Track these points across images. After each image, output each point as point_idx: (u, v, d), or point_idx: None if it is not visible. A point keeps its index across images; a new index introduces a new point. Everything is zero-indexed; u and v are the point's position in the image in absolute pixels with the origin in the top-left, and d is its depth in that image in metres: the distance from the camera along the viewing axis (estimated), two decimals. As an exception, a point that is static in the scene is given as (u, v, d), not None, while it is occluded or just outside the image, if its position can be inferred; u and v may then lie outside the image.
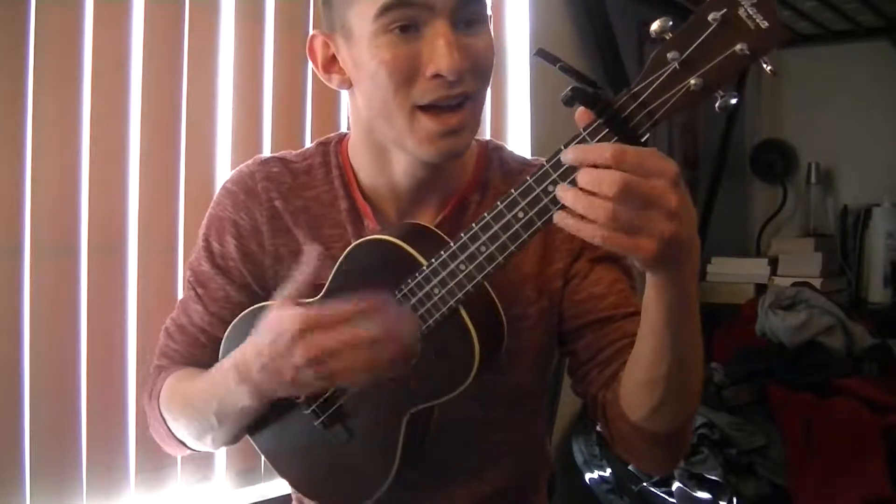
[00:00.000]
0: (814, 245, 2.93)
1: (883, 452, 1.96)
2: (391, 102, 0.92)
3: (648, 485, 2.07)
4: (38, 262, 1.36)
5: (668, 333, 0.84)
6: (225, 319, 1.06)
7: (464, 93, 0.91)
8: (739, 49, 0.71)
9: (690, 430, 1.00)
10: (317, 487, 1.05)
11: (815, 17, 2.87)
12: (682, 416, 0.93)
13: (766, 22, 0.70)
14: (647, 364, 0.88)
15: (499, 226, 0.82)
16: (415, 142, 0.93)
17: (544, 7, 2.35)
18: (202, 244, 1.09)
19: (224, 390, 0.94)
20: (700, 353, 0.90)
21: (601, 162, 0.72)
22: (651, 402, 0.90)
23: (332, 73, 0.99)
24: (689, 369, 0.88)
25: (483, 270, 0.84)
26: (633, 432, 0.95)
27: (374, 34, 0.90)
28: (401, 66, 0.90)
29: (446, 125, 0.91)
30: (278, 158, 1.09)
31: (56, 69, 1.37)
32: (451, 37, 0.89)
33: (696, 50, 0.72)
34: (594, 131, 0.77)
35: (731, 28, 0.71)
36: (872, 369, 2.34)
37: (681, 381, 0.88)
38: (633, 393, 0.92)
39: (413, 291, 0.88)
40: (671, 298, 0.81)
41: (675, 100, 0.74)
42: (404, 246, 0.90)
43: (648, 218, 0.72)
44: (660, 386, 0.88)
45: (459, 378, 0.89)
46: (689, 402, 0.92)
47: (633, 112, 0.75)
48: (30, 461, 1.36)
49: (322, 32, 0.98)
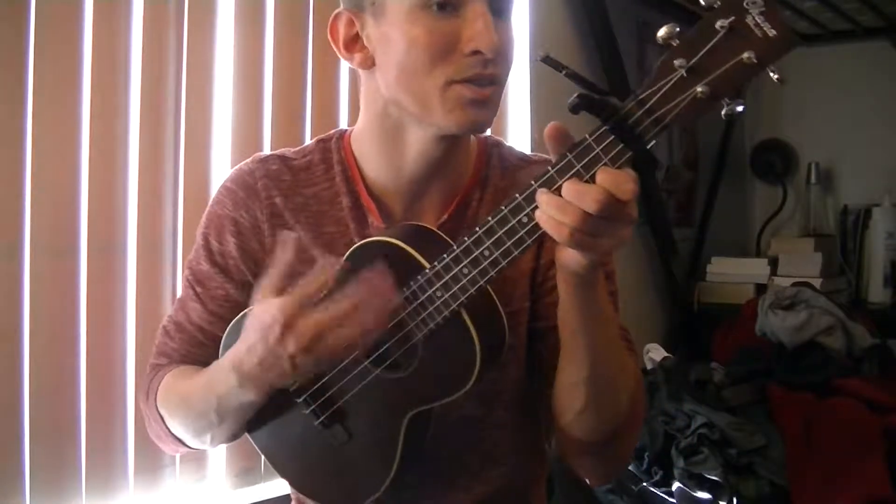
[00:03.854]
0: (814, 245, 2.93)
1: (883, 452, 1.96)
2: (424, 77, 0.93)
3: (648, 485, 2.07)
4: (38, 262, 1.36)
5: (585, 339, 0.89)
6: (224, 318, 1.06)
7: (496, 73, 0.93)
8: (747, 57, 0.71)
9: (625, 446, 1.04)
10: (316, 487, 1.05)
11: (815, 17, 2.88)
12: (607, 426, 0.96)
13: (774, 30, 0.70)
14: (569, 367, 0.93)
15: (503, 231, 0.82)
16: (444, 111, 0.94)
17: (544, 7, 2.35)
18: (201, 242, 1.09)
19: (223, 388, 0.95)
20: (622, 365, 0.95)
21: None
22: (575, 405, 0.94)
23: (353, 53, 0.99)
24: (609, 378, 0.93)
25: (486, 275, 0.84)
26: (561, 436, 0.99)
27: (410, 10, 0.92)
28: (437, 41, 0.91)
29: (481, 94, 0.93)
30: (277, 156, 1.09)
31: (56, 70, 1.37)
32: (490, 18, 0.91)
33: (703, 57, 0.72)
34: (599, 137, 0.77)
35: (739, 36, 0.71)
36: (872, 369, 2.34)
37: (601, 387, 0.93)
38: (560, 396, 0.96)
39: (416, 294, 0.88)
40: (590, 300, 0.87)
41: (681, 107, 0.74)
42: (407, 248, 0.90)
43: (613, 226, 0.77)
44: (582, 390, 0.92)
45: (461, 381, 0.89)
46: (612, 410, 0.96)
47: (639, 119, 0.75)
48: (29, 461, 1.36)
49: (347, 10, 0.99)
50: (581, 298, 0.87)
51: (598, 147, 0.76)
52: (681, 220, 3.02)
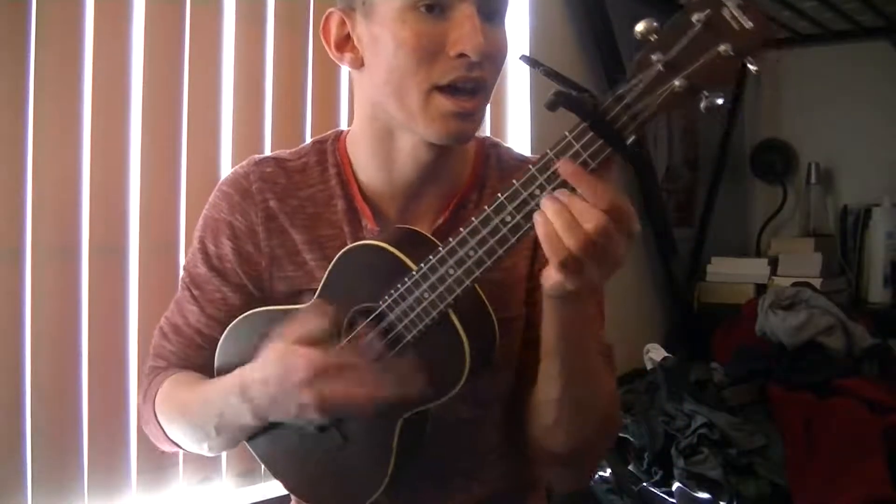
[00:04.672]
0: (814, 245, 2.93)
1: (883, 452, 1.96)
2: (409, 80, 0.92)
3: (648, 485, 2.07)
4: (40, 263, 1.36)
5: (558, 361, 0.91)
6: (221, 321, 1.06)
7: (482, 77, 0.92)
8: (724, 50, 0.71)
9: (593, 460, 1.07)
10: (312, 491, 1.05)
11: (815, 17, 2.87)
12: (576, 442, 0.98)
13: (751, 23, 0.70)
14: (542, 384, 0.95)
15: (487, 230, 0.82)
16: (426, 121, 0.93)
17: (544, 7, 2.35)
18: (197, 246, 1.08)
19: (225, 405, 0.95)
20: (595, 389, 0.96)
21: (588, 194, 0.76)
22: (546, 421, 0.97)
23: (344, 52, 0.99)
24: (581, 400, 0.94)
25: (472, 275, 0.84)
26: (535, 446, 1.01)
27: (398, 11, 0.91)
28: (424, 44, 0.91)
29: (461, 107, 0.92)
30: (272, 158, 1.09)
31: (57, 70, 1.37)
32: (477, 21, 0.90)
33: (680, 51, 0.72)
34: (579, 134, 0.77)
35: (715, 29, 0.71)
36: (872, 369, 2.34)
37: (571, 408, 0.94)
38: (531, 408, 0.99)
39: (403, 296, 0.89)
40: (568, 325, 0.88)
41: (659, 101, 0.74)
42: (394, 251, 0.90)
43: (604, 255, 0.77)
44: (552, 407, 0.95)
45: (451, 382, 0.89)
46: (581, 429, 0.97)
47: (617, 115, 0.75)
48: (31, 462, 1.36)
49: (340, 9, 0.98)
50: (558, 323, 0.88)
51: (578, 143, 0.77)
52: (681, 220, 3.02)
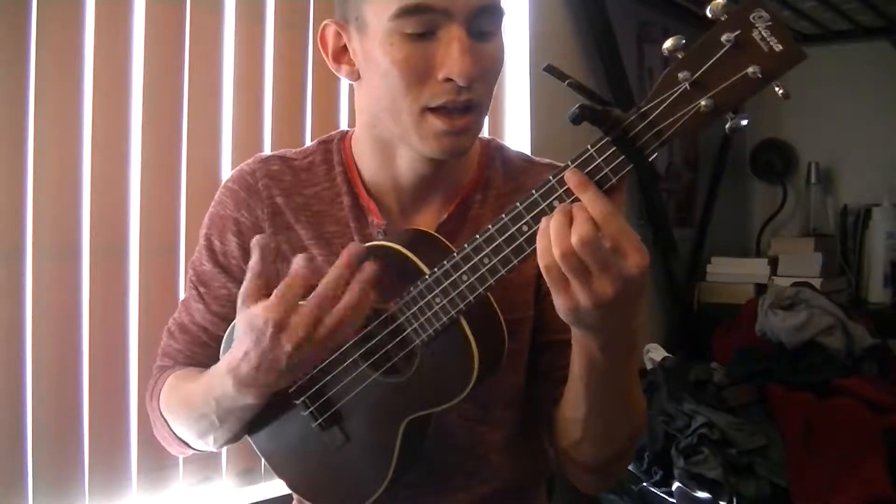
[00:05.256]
0: (814, 245, 2.93)
1: (883, 452, 1.96)
2: (400, 101, 0.92)
3: (648, 485, 2.08)
4: (40, 264, 1.36)
5: (583, 387, 0.90)
6: (227, 318, 1.06)
7: (471, 100, 0.92)
8: (752, 72, 0.70)
9: (622, 467, 1.07)
10: (314, 489, 1.05)
11: (815, 17, 2.88)
12: (606, 454, 0.99)
13: (781, 45, 0.70)
14: (568, 405, 0.96)
15: (503, 238, 0.82)
16: (420, 138, 0.93)
17: (544, 7, 2.35)
18: (203, 243, 1.09)
19: (221, 392, 0.94)
20: (628, 412, 0.96)
21: (589, 209, 0.76)
22: (573, 436, 0.98)
23: (341, 64, 0.99)
24: (609, 421, 0.94)
25: (485, 282, 0.84)
26: (562, 455, 1.03)
27: (388, 31, 0.90)
28: (413, 66, 0.90)
29: (453, 126, 0.92)
30: (279, 156, 1.10)
31: (57, 70, 1.37)
32: (465, 42, 0.89)
33: (707, 71, 0.72)
34: (601, 149, 0.77)
35: (745, 50, 0.70)
36: (872, 369, 2.34)
37: (599, 428, 0.95)
38: (559, 424, 1.00)
39: (415, 300, 0.88)
40: (589, 358, 0.86)
41: (684, 121, 0.73)
42: (408, 254, 0.90)
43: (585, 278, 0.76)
44: (579, 426, 0.95)
45: (457, 389, 0.89)
46: (610, 446, 0.98)
47: (640, 132, 0.75)
48: (32, 462, 1.36)
49: (335, 22, 0.98)
50: (583, 353, 0.87)
51: (600, 158, 0.77)
52: (681, 220, 3.02)
